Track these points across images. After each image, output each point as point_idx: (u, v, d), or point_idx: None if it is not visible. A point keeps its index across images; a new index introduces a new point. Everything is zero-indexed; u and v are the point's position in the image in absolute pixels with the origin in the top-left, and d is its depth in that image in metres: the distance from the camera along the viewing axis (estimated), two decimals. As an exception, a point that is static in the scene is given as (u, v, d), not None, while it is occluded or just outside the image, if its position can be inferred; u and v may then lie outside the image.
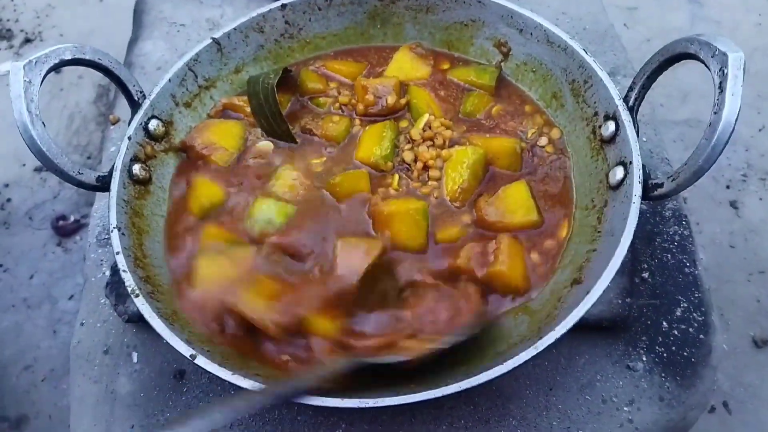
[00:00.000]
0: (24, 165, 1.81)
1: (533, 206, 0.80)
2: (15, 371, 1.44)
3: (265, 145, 0.89)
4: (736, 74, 0.63)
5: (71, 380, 0.85)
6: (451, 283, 0.75)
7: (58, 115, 1.92)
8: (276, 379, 0.68)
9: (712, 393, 0.82)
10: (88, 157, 1.84)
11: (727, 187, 1.66)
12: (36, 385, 1.41)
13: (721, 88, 0.63)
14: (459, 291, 0.74)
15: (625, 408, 0.77)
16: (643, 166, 0.73)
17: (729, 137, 0.63)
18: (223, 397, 0.79)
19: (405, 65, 0.95)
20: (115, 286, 0.85)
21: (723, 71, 0.63)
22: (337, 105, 0.93)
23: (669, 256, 0.87)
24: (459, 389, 0.61)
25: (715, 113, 0.63)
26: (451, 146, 0.85)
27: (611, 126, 0.78)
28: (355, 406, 0.61)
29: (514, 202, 0.80)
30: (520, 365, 0.62)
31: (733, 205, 1.63)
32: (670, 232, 0.88)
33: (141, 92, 0.85)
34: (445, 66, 0.97)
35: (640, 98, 0.77)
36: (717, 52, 0.64)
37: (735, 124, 0.63)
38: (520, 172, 0.85)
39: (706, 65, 0.66)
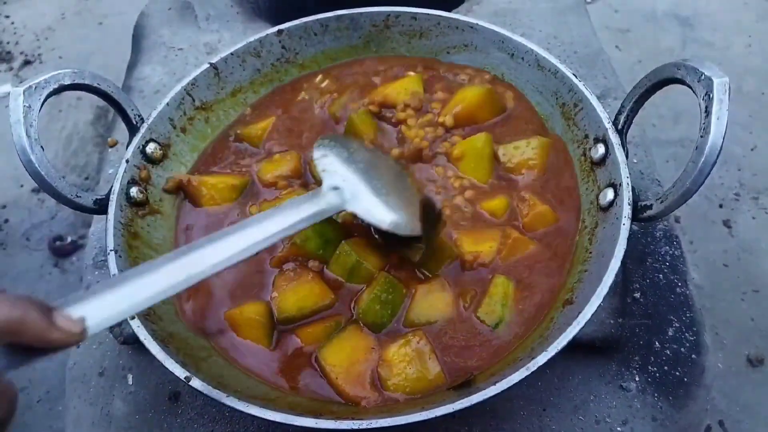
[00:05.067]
0: (22, 186, 1.82)
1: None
2: (10, 393, 1.43)
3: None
4: (722, 98, 0.64)
5: (66, 402, 0.85)
6: None
7: (57, 136, 1.94)
8: (274, 400, 0.68)
9: (705, 413, 0.82)
10: (86, 178, 1.85)
11: (720, 206, 1.67)
12: (31, 407, 1.41)
13: (707, 112, 0.64)
14: None
15: (618, 428, 0.77)
16: (633, 188, 0.74)
17: (716, 160, 0.64)
18: (217, 419, 0.79)
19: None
20: (111, 307, 0.85)
21: (709, 95, 0.65)
22: None
23: (660, 276, 0.88)
24: (452, 410, 0.61)
25: (702, 137, 0.65)
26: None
27: (601, 148, 0.80)
28: (348, 428, 0.61)
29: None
30: (512, 386, 0.62)
31: (726, 224, 1.64)
32: (662, 252, 0.89)
33: (139, 116, 0.86)
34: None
35: (629, 121, 0.78)
36: (703, 77, 0.66)
37: (721, 147, 0.64)
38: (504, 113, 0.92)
39: (692, 90, 0.67)
